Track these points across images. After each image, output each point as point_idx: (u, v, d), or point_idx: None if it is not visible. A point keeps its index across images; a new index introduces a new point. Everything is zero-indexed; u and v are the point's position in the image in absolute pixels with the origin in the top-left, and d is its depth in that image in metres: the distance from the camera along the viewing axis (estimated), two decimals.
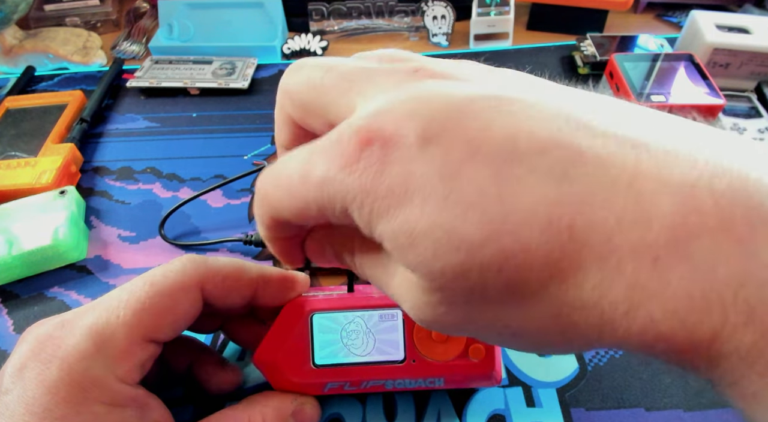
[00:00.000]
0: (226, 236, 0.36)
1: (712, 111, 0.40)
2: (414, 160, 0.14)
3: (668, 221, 0.12)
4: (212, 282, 0.23)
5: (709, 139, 0.14)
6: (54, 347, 0.19)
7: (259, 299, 0.25)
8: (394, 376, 0.25)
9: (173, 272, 0.22)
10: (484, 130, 0.14)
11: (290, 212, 0.17)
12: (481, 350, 0.24)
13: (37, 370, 0.19)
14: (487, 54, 0.52)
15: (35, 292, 0.34)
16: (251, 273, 0.24)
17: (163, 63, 0.51)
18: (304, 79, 0.18)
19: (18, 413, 0.18)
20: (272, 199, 0.17)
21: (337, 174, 0.15)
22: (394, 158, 0.14)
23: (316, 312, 0.25)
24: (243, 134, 0.45)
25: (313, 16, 0.55)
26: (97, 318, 0.20)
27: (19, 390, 0.19)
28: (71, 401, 0.19)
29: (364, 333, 0.25)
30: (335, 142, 0.15)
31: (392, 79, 0.16)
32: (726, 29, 0.44)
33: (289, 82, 0.18)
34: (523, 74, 0.17)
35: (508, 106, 0.14)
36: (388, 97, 0.15)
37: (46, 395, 0.18)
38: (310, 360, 0.25)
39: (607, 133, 0.14)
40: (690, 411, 0.27)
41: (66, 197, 0.36)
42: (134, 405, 0.20)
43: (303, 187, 0.16)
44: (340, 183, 0.15)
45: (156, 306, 0.21)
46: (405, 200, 0.14)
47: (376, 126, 0.14)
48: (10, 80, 0.51)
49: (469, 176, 0.13)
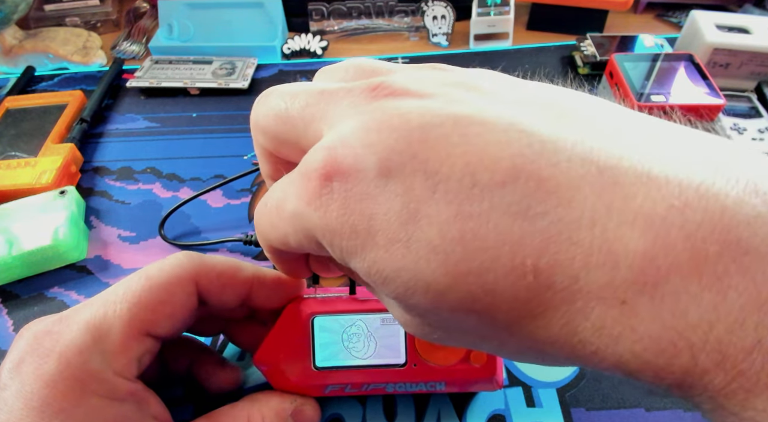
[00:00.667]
0: (226, 236, 0.36)
1: (712, 111, 0.40)
2: (375, 198, 0.14)
3: (637, 262, 0.12)
4: (207, 278, 0.23)
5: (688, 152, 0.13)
6: (51, 341, 0.19)
7: (254, 299, 0.25)
8: (395, 380, 0.24)
9: (169, 266, 0.22)
10: (443, 163, 0.13)
11: (277, 242, 0.17)
12: (482, 355, 0.24)
13: (34, 365, 0.19)
14: (487, 54, 0.52)
15: (35, 292, 0.34)
16: (246, 272, 0.24)
17: (163, 63, 0.51)
18: (271, 112, 0.18)
19: (16, 408, 0.18)
20: (261, 229, 0.18)
21: (304, 209, 0.15)
22: (355, 194, 0.14)
23: (317, 314, 0.25)
24: (243, 134, 0.45)
25: (313, 16, 0.55)
26: (94, 313, 0.20)
27: (17, 385, 0.19)
28: (69, 394, 0.19)
29: (365, 337, 0.25)
30: (301, 175, 0.15)
31: (352, 101, 0.15)
32: (726, 29, 0.44)
33: (258, 115, 0.18)
34: (487, 72, 0.17)
35: (465, 129, 0.13)
36: (347, 125, 0.15)
37: (44, 389, 0.18)
38: (310, 362, 0.25)
39: (572, 155, 0.13)
40: (690, 411, 0.27)
41: (66, 197, 0.36)
42: (132, 399, 0.20)
43: (280, 220, 0.16)
44: (308, 219, 0.15)
45: (152, 300, 0.21)
46: (370, 242, 0.14)
47: (335, 159, 0.14)
48: (10, 80, 0.51)
49: (430, 216, 0.13)
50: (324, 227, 0.15)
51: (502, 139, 0.13)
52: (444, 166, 0.13)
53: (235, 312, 0.26)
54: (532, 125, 0.13)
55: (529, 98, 0.15)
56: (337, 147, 0.14)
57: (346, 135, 0.15)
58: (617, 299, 0.12)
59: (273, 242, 0.18)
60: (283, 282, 0.25)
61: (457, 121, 0.14)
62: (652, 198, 0.12)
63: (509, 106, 0.14)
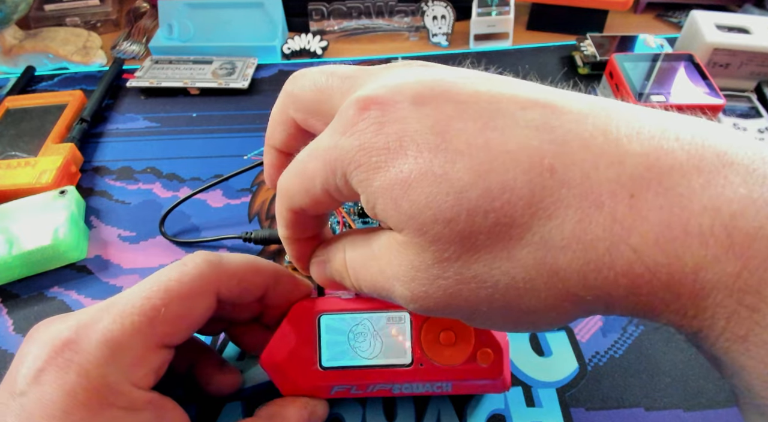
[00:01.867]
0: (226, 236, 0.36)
1: (712, 111, 0.40)
2: (408, 119, 0.15)
3: (642, 161, 0.14)
4: (227, 286, 0.23)
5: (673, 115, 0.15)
6: (71, 352, 0.19)
7: (267, 298, 0.25)
8: (401, 380, 0.24)
9: (189, 277, 0.21)
10: (471, 94, 0.15)
11: (301, 194, 0.18)
12: (489, 354, 0.24)
13: (54, 374, 0.19)
14: (487, 54, 0.52)
15: (35, 292, 0.34)
16: (265, 272, 0.24)
17: (163, 63, 0.51)
18: (309, 83, 0.19)
19: (36, 415, 0.18)
20: (286, 186, 0.19)
21: (338, 140, 0.16)
22: (390, 118, 0.15)
23: (323, 313, 0.25)
24: (243, 134, 0.45)
25: (313, 16, 0.55)
26: (111, 324, 0.20)
27: (36, 393, 0.19)
28: (89, 405, 0.19)
29: (371, 336, 0.25)
30: (337, 117, 0.17)
31: (389, 69, 0.18)
32: (726, 29, 0.44)
33: (294, 86, 0.20)
34: None
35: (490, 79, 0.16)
36: (383, 79, 0.17)
37: (64, 398, 0.18)
38: (317, 362, 0.25)
39: (580, 99, 0.16)
40: (690, 411, 0.27)
41: (66, 197, 0.36)
42: (150, 408, 0.20)
43: (310, 163, 0.17)
44: (341, 148, 0.16)
45: (171, 314, 0.21)
46: (400, 153, 0.15)
47: (373, 95, 0.16)
48: (10, 80, 0.51)
49: (458, 129, 0.15)
50: (357, 148, 0.15)
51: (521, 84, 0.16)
52: (472, 96, 0.15)
53: (243, 312, 0.26)
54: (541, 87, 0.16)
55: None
56: (375, 88, 0.16)
57: (383, 82, 0.17)
58: (627, 192, 0.13)
59: (296, 197, 0.18)
60: (296, 281, 0.25)
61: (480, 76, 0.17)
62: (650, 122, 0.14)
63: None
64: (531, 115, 0.15)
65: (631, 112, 0.15)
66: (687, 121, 0.15)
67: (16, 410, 0.19)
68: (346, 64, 0.21)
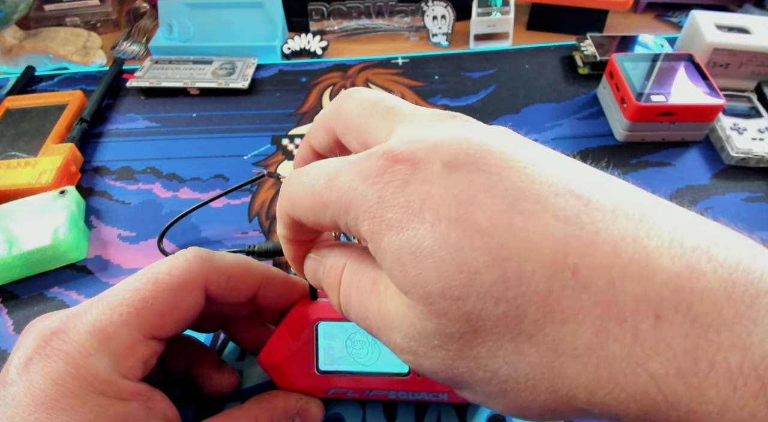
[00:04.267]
0: (226, 237, 0.36)
1: (712, 111, 0.40)
2: (435, 183, 0.14)
3: (672, 279, 0.12)
4: (216, 281, 0.23)
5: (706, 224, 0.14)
6: (59, 341, 0.20)
7: (261, 299, 0.25)
8: (397, 388, 0.24)
9: (178, 270, 0.22)
10: (505, 169, 0.14)
11: (307, 211, 0.17)
12: None
13: (42, 363, 0.19)
14: (487, 54, 0.52)
15: (35, 292, 0.34)
16: (256, 272, 0.24)
17: (163, 63, 0.51)
18: (356, 103, 0.20)
19: (24, 403, 0.18)
20: (295, 196, 0.18)
21: (360, 184, 0.15)
22: (418, 178, 0.15)
23: (321, 320, 0.25)
24: (243, 134, 0.45)
25: (313, 16, 0.55)
26: (100, 315, 0.20)
27: (24, 382, 0.19)
28: (77, 393, 0.19)
29: (369, 344, 0.25)
30: (366, 157, 0.16)
31: (432, 118, 0.18)
32: (726, 29, 0.44)
33: (342, 104, 0.20)
34: None
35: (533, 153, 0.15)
36: (424, 129, 0.17)
37: (52, 386, 0.19)
38: (314, 365, 0.25)
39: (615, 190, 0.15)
40: None
41: (66, 197, 0.36)
42: (139, 398, 0.20)
43: (325, 191, 0.17)
44: (361, 193, 0.15)
45: (159, 305, 0.21)
46: (418, 216, 0.14)
47: (407, 149, 0.15)
48: (10, 80, 0.51)
49: (483, 203, 0.14)
50: (375, 199, 0.15)
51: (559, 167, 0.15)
52: (505, 172, 0.14)
53: (238, 309, 0.26)
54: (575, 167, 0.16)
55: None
56: (412, 141, 0.16)
57: (421, 135, 0.16)
58: (652, 312, 0.12)
59: (301, 210, 0.18)
60: (291, 283, 0.25)
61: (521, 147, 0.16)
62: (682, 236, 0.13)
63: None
64: (562, 204, 0.14)
65: (665, 216, 0.14)
66: (721, 235, 0.14)
67: (6, 399, 0.19)
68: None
